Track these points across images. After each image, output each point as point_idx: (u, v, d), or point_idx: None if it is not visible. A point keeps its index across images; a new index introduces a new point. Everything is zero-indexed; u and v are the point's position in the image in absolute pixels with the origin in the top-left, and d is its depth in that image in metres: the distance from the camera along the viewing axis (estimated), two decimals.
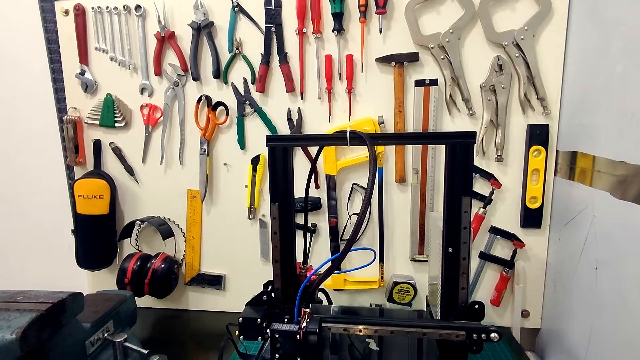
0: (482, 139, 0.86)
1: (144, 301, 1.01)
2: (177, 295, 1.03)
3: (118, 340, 0.68)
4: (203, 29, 0.90)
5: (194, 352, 0.85)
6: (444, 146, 0.63)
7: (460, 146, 0.60)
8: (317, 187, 0.94)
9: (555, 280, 0.85)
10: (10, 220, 1.15)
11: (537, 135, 0.84)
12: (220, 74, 0.92)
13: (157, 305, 1.04)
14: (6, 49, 1.05)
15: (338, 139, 0.63)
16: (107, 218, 0.98)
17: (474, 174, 0.87)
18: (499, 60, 0.83)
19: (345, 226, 0.95)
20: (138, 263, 0.94)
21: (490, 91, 0.85)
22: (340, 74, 0.88)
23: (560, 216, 0.83)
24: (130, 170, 1.00)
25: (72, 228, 1.00)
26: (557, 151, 0.85)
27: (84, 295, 0.64)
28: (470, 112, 0.86)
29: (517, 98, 0.85)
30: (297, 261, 0.72)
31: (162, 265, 0.95)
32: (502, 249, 0.91)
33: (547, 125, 0.84)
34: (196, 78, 0.93)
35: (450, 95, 0.85)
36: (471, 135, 0.60)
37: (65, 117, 0.98)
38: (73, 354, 0.62)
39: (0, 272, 1.18)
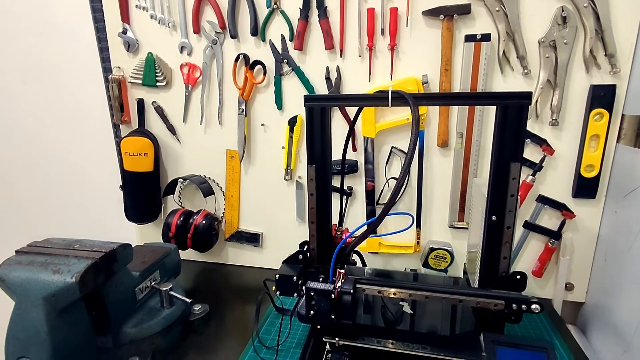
0: (537, 101, 0.79)
1: (187, 254, 1.07)
2: (218, 250, 1.08)
3: (164, 289, 0.73)
4: None
5: (233, 304, 0.90)
6: (493, 108, 0.58)
7: (512, 108, 0.56)
8: (355, 149, 0.92)
9: (607, 254, 0.80)
10: (67, 176, 1.23)
11: (601, 97, 0.76)
12: (258, 30, 0.90)
13: (199, 258, 1.10)
14: (53, 11, 1.08)
15: (379, 99, 0.60)
16: (152, 175, 1.02)
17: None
18: (563, 11, 0.74)
19: (382, 190, 0.93)
20: (181, 219, 0.99)
21: (550, 47, 0.76)
22: (382, 29, 0.83)
23: (620, 187, 0.77)
24: (172, 130, 1.03)
25: (121, 184, 1.06)
26: (622, 115, 0.77)
27: (133, 246, 0.69)
28: (525, 70, 0.79)
29: (580, 55, 0.76)
30: (332, 223, 0.73)
31: (203, 222, 0.99)
32: (549, 219, 0.86)
33: (613, 86, 0.75)
34: (234, 35, 0.91)
35: (503, 51, 0.78)
36: (526, 96, 0.55)
37: (110, 76, 1.01)
38: (125, 299, 0.67)
39: (60, 222, 1.29)
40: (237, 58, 0.93)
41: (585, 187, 0.81)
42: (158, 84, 0.99)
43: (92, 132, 1.15)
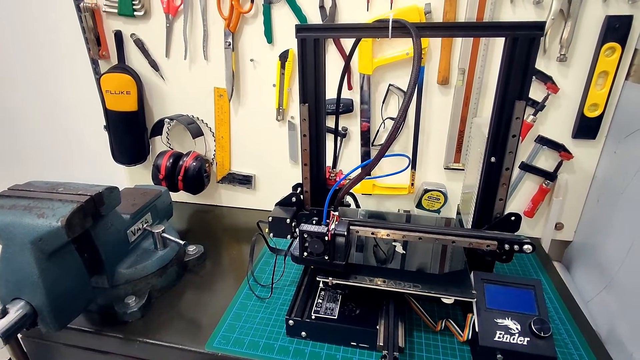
0: (547, 34, 0.73)
1: (179, 196, 1.06)
2: (210, 191, 1.07)
3: (156, 231, 0.72)
4: None
5: (228, 244, 0.91)
6: (498, 43, 0.54)
7: (523, 40, 0.51)
8: (350, 87, 0.87)
9: (600, 195, 0.80)
10: (49, 114, 1.16)
11: (615, 30, 0.71)
12: None
13: (191, 200, 1.09)
14: None
15: (378, 29, 0.55)
16: (137, 115, 0.97)
17: None
18: None
19: (378, 131, 0.90)
20: (171, 160, 0.96)
21: None
22: None
23: (622, 126, 0.74)
24: (154, 65, 0.96)
25: (105, 124, 1.01)
26: (635, 50, 0.72)
27: (121, 189, 0.67)
28: None
29: None
30: (326, 165, 0.70)
31: (194, 164, 0.96)
32: (546, 160, 0.85)
33: (630, 17, 0.70)
34: None
35: None
36: (538, 27, 0.51)
37: (82, 4, 0.91)
38: (116, 241, 0.66)
39: (47, 166, 1.25)
40: None
41: (586, 128, 0.79)
42: (136, 13, 0.90)
43: (71, 68, 1.07)
